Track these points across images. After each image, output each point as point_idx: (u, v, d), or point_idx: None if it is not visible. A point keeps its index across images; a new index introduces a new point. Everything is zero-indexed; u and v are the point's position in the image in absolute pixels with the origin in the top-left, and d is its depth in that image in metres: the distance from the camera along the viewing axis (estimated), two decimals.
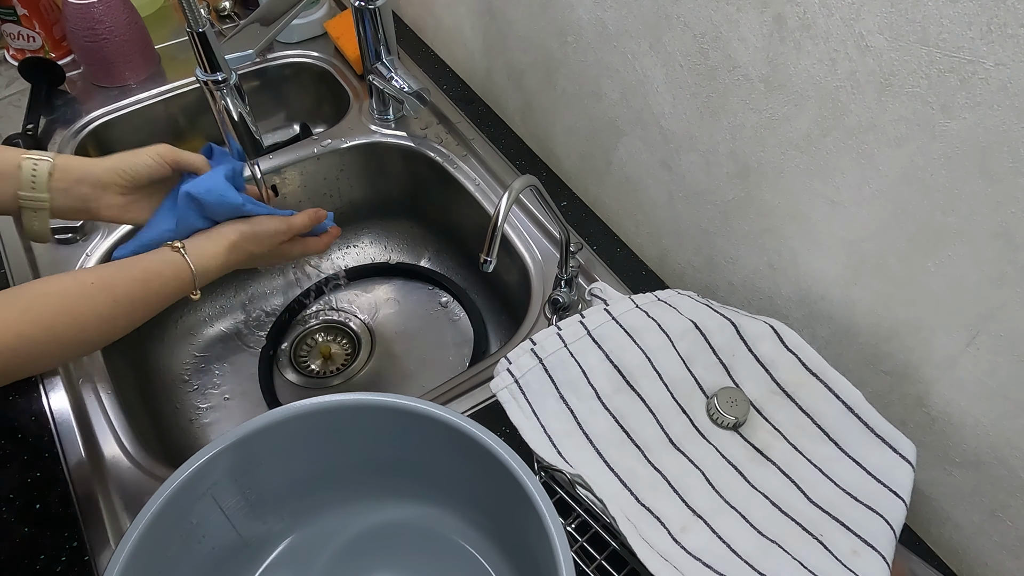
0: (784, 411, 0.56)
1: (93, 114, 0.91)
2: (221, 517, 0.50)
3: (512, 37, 0.83)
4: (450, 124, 0.92)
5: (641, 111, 0.69)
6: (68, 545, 0.56)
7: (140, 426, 0.65)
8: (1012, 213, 0.44)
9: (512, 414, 0.56)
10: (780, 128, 0.56)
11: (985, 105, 0.42)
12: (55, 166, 0.57)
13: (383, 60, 0.83)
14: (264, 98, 1.04)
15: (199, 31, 0.59)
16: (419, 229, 0.98)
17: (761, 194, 0.60)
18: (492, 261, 0.54)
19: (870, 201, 0.52)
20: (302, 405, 0.50)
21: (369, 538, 0.56)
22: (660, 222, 0.74)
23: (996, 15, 0.40)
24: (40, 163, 0.57)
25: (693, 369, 0.58)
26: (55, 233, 0.76)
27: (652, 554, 0.48)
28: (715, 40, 0.57)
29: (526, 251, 0.79)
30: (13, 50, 0.96)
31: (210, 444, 0.48)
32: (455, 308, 0.93)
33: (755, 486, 0.53)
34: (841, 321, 0.59)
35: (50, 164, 0.57)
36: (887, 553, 0.49)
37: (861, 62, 0.47)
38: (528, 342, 0.59)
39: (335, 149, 0.90)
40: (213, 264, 0.60)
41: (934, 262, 0.49)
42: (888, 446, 0.53)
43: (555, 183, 0.86)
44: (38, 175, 0.57)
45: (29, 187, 0.57)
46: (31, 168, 0.56)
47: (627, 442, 0.55)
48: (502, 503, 0.49)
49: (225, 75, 0.62)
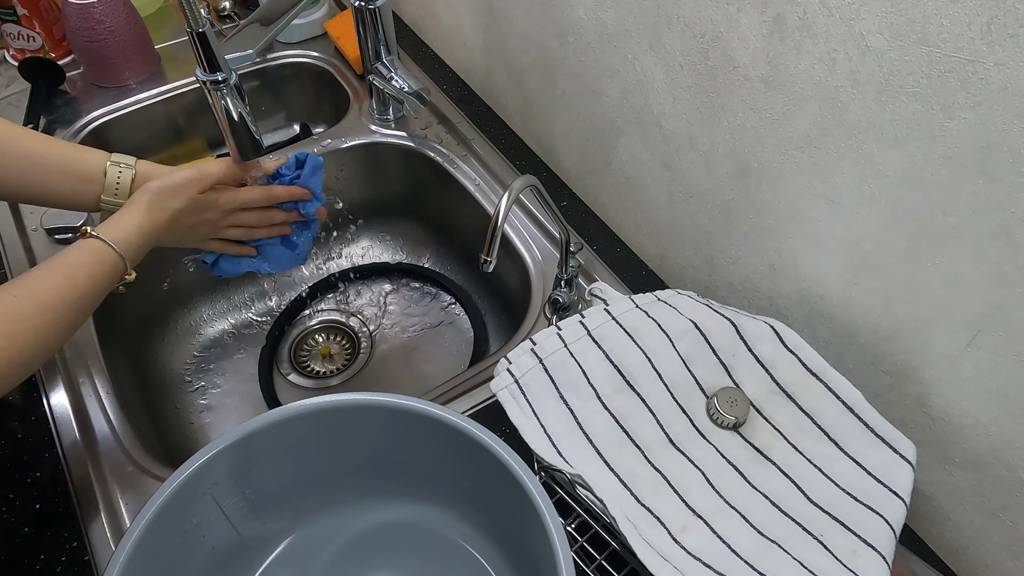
0: (784, 411, 0.56)
1: (93, 114, 0.91)
2: (221, 517, 0.50)
3: (512, 37, 0.83)
4: (450, 124, 0.92)
5: (641, 111, 0.69)
6: (68, 545, 0.56)
7: (140, 426, 0.65)
8: (1012, 213, 0.44)
9: (512, 414, 0.56)
10: (780, 128, 0.56)
11: (985, 105, 0.42)
12: (138, 173, 0.61)
13: (383, 60, 0.83)
14: (264, 98, 1.04)
15: (199, 31, 0.59)
16: (419, 229, 0.98)
17: (761, 194, 0.60)
18: (492, 261, 0.54)
19: (870, 201, 0.52)
20: (302, 405, 0.50)
21: (369, 538, 0.56)
22: (660, 222, 0.74)
23: (996, 15, 0.40)
24: (124, 170, 0.61)
25: (693, 369, 0.58)
26: (54, 234, 0.76)
27: (652, 554, 0.48)
28: (715, 40, 0.57)
29: (526, 251, 0.79)
30: (13, 50, 0.97)
31: (210, 444, 0.48)
32: (455, 308, 0.93)
33: (755, 486, 0.53)
34: (841, 321, 0.59)
35: (133, 171, 0.61)
36: (887, 553, 0.49)
37: (861, 62, 0.47)
38: (528, 342, 0.59)
39: (335, 149, 0.90)
40: (133, 231, 0.57)
41: (934, 262, 0.49)
42: (888, 446, 0.53)
43: (555, 183, 0.86)
44: (122, 182, 0.61)
45: (112, 192, 0.61)
46: (116, 175, 0.60)
47: (627, 442, 0.55)
48: (502, 503, 0.49)
49: (225, 75, 0.62)
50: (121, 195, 0.61)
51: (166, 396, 0.82)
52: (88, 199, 0.61)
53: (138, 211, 0.58)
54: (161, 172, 0.62)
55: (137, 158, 0.63)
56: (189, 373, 0.86)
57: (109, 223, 0.57)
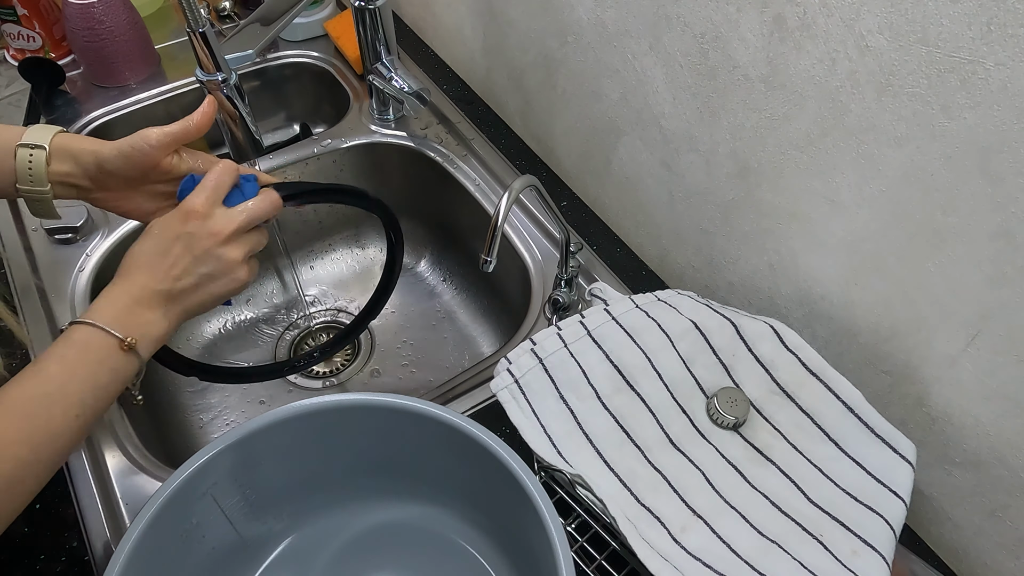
0: (784, 411, 0.56)
1: (93, 114, 0.91)
2: (221, 517, 0.50)
3: (512, 37, 0.83)
4: (450, 124, 0.92)
5: (641, 111, 0.69)
6: (68, 545, 0.56)
7: (140, 426, 0.65)
8: (1012, 213, 0.44)
9: (512, 414, 0.56)
10: (780, 128, 0.56)
11: (985, 105, 0.42)
12: (52, 152, 0.51)
13: (383, 60, 0.83)
14: (264, 98, 1.04)
15: (199, 31, 0.59)
16: (419, 229, 0.98)
17: (761, 194, 0.60)
18: (492, 261, 0.54)
19: (870, 201, 0.52)
20: (302, 405, 0.50)
21: (369, 538, 0.56)
22: (660, 222, 0.74)
23: (996, 15, 0.40)
24: (36, 152, 0.51)
25: (693, 369, 0.58)
26: (54, 234, 0.76)
27: (652, 554, 0.48)
28: (715, 40, 0.57)
29: (526, 251, 0.79)
30: (13, 50, 0.96)
31: (210, 444, 0.48)
32: (455, 308, 0.93)
33: (755, 486, 0.53)
34: (841, 321, 0.59)
35: (45, 152, 0.51)
36: (887, 553, 0.49)
37: (861, 62, 0.47)
38: (528, 342, 0.59)
39: (335, 149, 0.90)
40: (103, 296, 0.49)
41: (934, 262, 0.49)
42: (888, 446, 0.53)
43: (555, 183, 0.86)
44: (35, 166, 0.51)
45: (27, 180, 0.51)
46: (27, 158, 0.51)
47: (627, 442, 0.55)
48: (502, 503, 0.49)
49: (225, 75, 0.62)
50: (37, 181, 0.51)
51: (166, 396, 0.82)
52: (6, 190, 0.52)
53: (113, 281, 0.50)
54: (80, 146, 0.52)
55: (62, 129, 0.53)
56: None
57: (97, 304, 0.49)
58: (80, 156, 0.52)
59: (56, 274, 0.74)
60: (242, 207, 0.53)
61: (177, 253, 0.50)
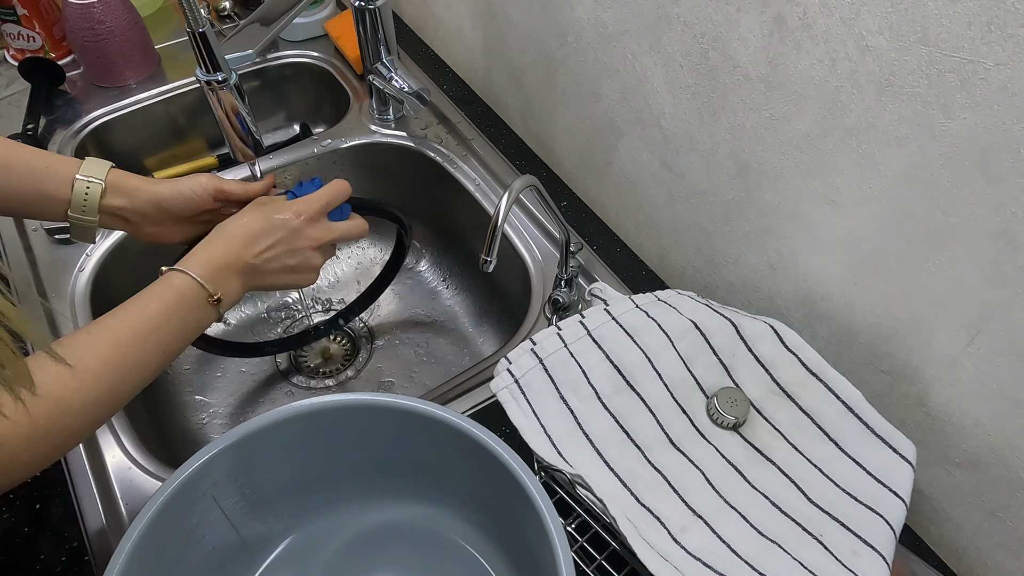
0: (784, 411, 0.56)
1: (93, 114, 0.91)
2: (221, 517, 0.50)
3: (512, 37, 0.83)
4: (450, 124, 0.92)
5: (641, 111, 0.69)
6: (68, 545, 0.56)
7: (140, 426, 0.65)
8: (1012, 213, 0.44)
9: (512, 414, 0.56)
10: (780, 128, 0.56)
11: (985, 105, 0.42)
12: (108, 187, 0.57)
13: (383, 60, 0.83)
14: (264, 98, 1.04)
15: (199, 31, 0.59)
16: (419, 229, 0.98)
17: (761, 194, 0.60)
18: (492, 261, 0.54)
19: (870, 201, 0.52)
20: (301, 405, 0.50)
21: (369, 538, 0.56)
22: (660, 222, 0.74)
23: (996, 15, 0.40)
24: (92, 186, 0.56)
25: (693, 369, 0.58)
26: (54, 234, 0.76)
27: (652, 554, 0.48)
28: (715, 40, 0.57)
29: (526, 251, 0.79)
30: (13, 50, 0.97)
31: (210, 444, 0.48)
32: (455, 308, 0.93)
33: (755, 486, 0.53)
34: (841, 321, 0.59)
35: (102, 186, 0.56)
36: (887, 553, 0.49)
37: (861, 62, 0.47)
38: (528, 342, 0.59)
39: (335, 149, 0.90)
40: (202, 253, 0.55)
41: (934, 262, 0.49)
42: (888, 446, 0.53)
43: (555, 183, 0.86)
44: (90, 198, 0.56)
45: (80, 209, 0.56)
46: (84, 191, 0.56)
47: (627, 442, 0.55)
48: (502, 503, 0.49)
49: (225, 75, 0.62)
50: (89, 212, 0.56)
51: (167, 396, 0.82)
52: (56, 215, 0.57)
53: (210, 238, 0.57)
54: (134, 184, 0.58)
55: (112, 165, 0.58)
56: (190, 373, 0.86)
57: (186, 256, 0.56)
58: (134, 194, 0.58)
59: (56, 274, 0.74)
60: (344, 227, 0.63)
61: (276, 239, 0.58)
